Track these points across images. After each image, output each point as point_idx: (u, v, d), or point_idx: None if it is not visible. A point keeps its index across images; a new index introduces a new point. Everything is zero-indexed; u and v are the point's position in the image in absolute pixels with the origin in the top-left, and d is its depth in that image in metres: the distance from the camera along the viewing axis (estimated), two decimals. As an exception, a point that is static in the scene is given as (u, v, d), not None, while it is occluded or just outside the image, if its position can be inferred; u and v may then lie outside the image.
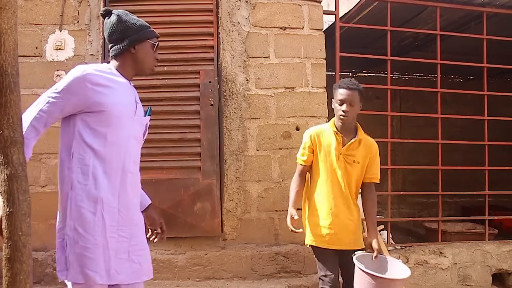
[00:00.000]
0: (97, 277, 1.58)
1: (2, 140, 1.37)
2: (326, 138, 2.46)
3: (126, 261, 1.68)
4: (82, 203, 1.61)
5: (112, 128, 1.66)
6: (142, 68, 1.80)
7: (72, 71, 1.66)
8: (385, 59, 3.66)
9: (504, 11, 3.82)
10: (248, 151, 3.32)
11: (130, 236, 1.71)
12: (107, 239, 1.62)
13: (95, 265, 1.59)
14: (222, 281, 3.16)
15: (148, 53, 1.78)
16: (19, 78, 1.45)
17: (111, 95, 1.66)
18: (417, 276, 3.41)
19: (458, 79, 6.98)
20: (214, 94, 3.27)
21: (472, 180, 4.59)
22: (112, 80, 1.71)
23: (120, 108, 1.68)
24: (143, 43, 1.77)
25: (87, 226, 1.59)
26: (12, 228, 1.37)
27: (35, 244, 2.53)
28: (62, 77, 3.18)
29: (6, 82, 1.38)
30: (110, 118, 1.65)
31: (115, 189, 1.67)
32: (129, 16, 1.80)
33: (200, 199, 3.21)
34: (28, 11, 3.20)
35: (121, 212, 1.68)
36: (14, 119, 1.39)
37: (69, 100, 1.61)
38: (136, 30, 1.76)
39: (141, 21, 1.81)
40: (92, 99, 1.62)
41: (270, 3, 3.38)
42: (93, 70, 1.68)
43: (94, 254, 1.59)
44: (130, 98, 1.76)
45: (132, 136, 1.75)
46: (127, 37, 1.76)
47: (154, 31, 1.82)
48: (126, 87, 1.76)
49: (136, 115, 1.77)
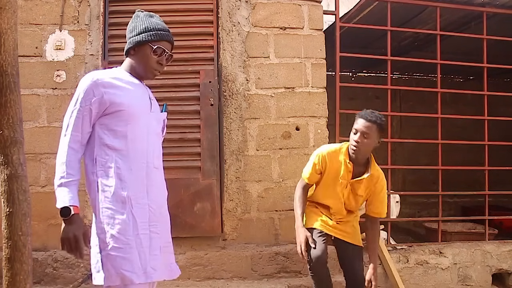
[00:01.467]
0: (134, 277, 1.57)
1: (2, 140, 1.38)
2: (335, 163, 2.39)
3: (159, 257, 1.68)
4: (110, 204, 1.62)
5: (131, 125, 1.67)
6: (141, 71, 1.77)
7: (82, 81, 1.67)
8: (385, 59, 3.66)
9: (504, 11, 3.82)
10: (248, 151, 3.32)
11: (161, 232, 1.72)
12: (140, 236, 1.62)
13: (130, 265, 1.57)
14: (222, 281, 3.15)
15: (145, 56, 1.74)
16: (19, 78, 1.46)
17: (124, 95, 1.67)
18: (417, 276, 3.41)
19: (458, 79, 6.97)
20: (214, 94, 3.26)
21: (472, 180, 4.59)
22: (122, 80, 1.72)
23: (136, 105, 1.70)
24: (143, 46, 1.73)
25: (118, 227, 1.59)
26: (12, 228, 1.37)
27: (35, 244, 2.53)
28: (62, 77, 3.22)
29: (6, 82, 1.39)
30: (128, 116, 1.66)
31: (143, 185, 1.67)
32: (143, 18, 1.78)
33: (200, 199, 3.20)
34: (28, 11, 3.20)
35: (151, 208, 1.68)
36: (14, 119, 1.40)
37: (90, 108, 1.62)
38: (139, 32, 1.74)
39: (150, 24, 1.75)
40: (108, 101, 1.63)
41: (270, 3, 3.38)
42: (101, 74, 1.69)
43: (128, 254, 1.58)
44: (143, 95, 1.77)
45: (152, 132, 1.76)
46: (130, 38, 1.76)
47: (161, 34, 1.75)
48: (137, 85, 1.77)
49: (152, 111, 1.78)
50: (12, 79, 1.41)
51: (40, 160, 3.16)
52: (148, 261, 1.62)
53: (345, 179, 2.36)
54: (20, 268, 1.37)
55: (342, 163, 2.35)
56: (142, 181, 1.67)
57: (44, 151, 3.16)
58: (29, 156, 3.03)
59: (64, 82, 3.21)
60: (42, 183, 3.16)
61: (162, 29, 1.77)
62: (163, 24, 1.79)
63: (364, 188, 2.39)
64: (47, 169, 3.16)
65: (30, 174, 1.55)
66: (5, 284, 1.38)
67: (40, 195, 3.10)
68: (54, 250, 3.07)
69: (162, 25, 1.79)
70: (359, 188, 2.39)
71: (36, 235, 2.70)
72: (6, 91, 1.39)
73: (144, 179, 1.68)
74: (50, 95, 3.20)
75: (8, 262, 1.37)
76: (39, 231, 3.05)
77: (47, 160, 3.17)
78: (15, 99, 1.41)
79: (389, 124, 3.64)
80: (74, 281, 2.96)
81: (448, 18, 4.03)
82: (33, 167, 3.08)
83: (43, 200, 3.09)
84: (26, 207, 1.40)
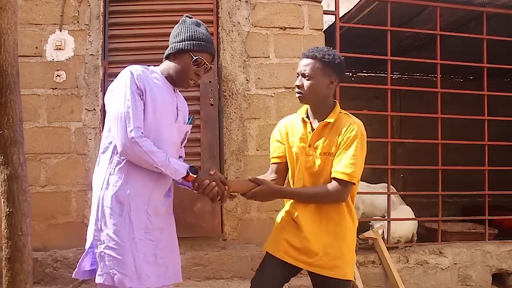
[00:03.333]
0: (126, 280, 1.56)
1: (2, 140, 1.38)
2: (295, 128, 1.92)
3: (153, 264, 1.67)
4: (109, 203, 1.62)
5: (153, 131, 1.66)
6: (177, 78, 1.74)
7: (120, 75, 1.67)
8: (385, 59, 3.66)
9: (504, 11, 3.82)
10: (248, 151, 3.32)
11: (158, 240, 1.70)
12: (136, 241, 1.61)
13: (123, 267, 1.57)
14: (222, 281, 3.15)
15: (185, 65, 1.70)
16: (19, 78, 1.46)
17: (152, 102, 1.65)
18: (417, 276, 3.41)
19: (458, 79, 6.97)
20: (214, 94, 3.26)
21: (472, 180, 4.58)
22: (156, 84, 1.70)
23: (163, 111, 1.68)
24: (184, 54, 1.70)
25: (114, 228, 1.60)
26: (12, 228, 1.37)
27: (35, 244, 2.53)
28: (62, 77, 3.21)
29: (6, 82, 1.39)
30: (152, 120, 1.65)
31: (147, 192, 1.67)
32: (190, 25, 1.73)
33: (200, 199, 3.20)
34: (28, 11, 3.20)
35: (149, 215, 1.67)
36: (14, 119, 1.40)
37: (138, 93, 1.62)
38: (183, 39, 1.70)
39: (195, 33, 1.70)
40: (145, 95, 1.64)
41: (270, 3, 3.38)
42: (138, 70, 1.67)
43: (121, 256, 1.57)
44: (171, 104, 1.74)
45: (171, 142, 1.74)
46: (172, 43, 1.73)
47: (204, 45, 1.71)
48: (169, 93, 1.74)
49: (177, 122, 1.76)
50: (12, 79, 1.41)
51: (40, 160, 3.16)
52: (144, 268, 1.61)
53: (304, 142, 1.83)
54: (20, 268, 1.37)
55: (301, 123, 1.88)
56: (148, 188, 1.67)
57: (44, 151, 3.16)
58: (29, 156, 3.03)
59: (64, 82, 3.21)
60: (42, 183, 3.16)
61: (206, 39, 1.72)
62: (208, 35, 1.74)
63: (330, 140, 1.79)
64: (47, 169, 3.16)
65: (30, 174, 1.55)
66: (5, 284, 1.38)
67: (40, 195, 3.11)
68: (54, 250, 3.06)
69: (206, 35, 1.73)
70: (324, 143, 1.80)
71: (36, 235, 2.70)
72: (6, 91, 1.38)
73: (151, 187, 1.68)
74: (50, 95, 3.20)
75: (8, 262, 1.37)
76: (39, 231, 3.05)
77: (47, 160, 3.17)
78: (15, 99, 1.41)
79: (389, 124, 3.65)
80: (74, 281, 2.96)
81: (448, 18, 4.03)
82: (33, 167, 3.08)
83: (43, 200, 3.09)
84: (26, 207, 1.40)
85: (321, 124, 1.81)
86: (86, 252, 1.63)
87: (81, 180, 3.18)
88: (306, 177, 1.84)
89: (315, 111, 1.88)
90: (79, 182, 3.18)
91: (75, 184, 3.18)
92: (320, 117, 1.85)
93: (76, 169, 3.18)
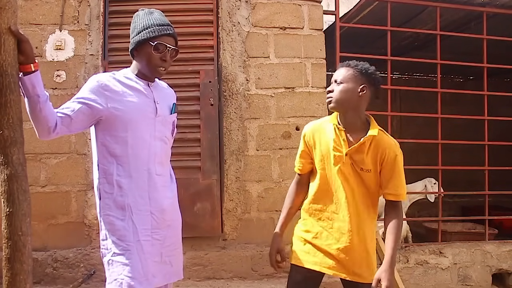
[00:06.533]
0: (135, 283, 1.56)
1: (2, 140, 1.37)
2: (324, 136, 1.86)
3: (159, 263, 1.68)
4: (110, 211, 1.62)
5: (131, 131, 1.64)
6: (146, 71, 1.70)
7: (88, 81, 1.68)
8: (385, 59, 3.66)
9: (504, 11, 3.82)
10: (248, 151, 3.32)
11: (164, 238, 1.70)
12: (141, 242, 1.61)
13: (132, 271, 1.57)
14: (222, 281, 3.15)
15: (147, 54, 1.65)
16: (19, 78, 1.46)
17: (124, 100, 1.64)
18: (417, 276, 3.41)
19: (458, 79, 6.97)
20: (214, 94, 3.26)
21: (472, 180, 4.58)
22: (125, 84, 1.69)
23: (135, 111, 1.66)
24: (143, 45, 1.66)
25: (118, 233, 1.60)
26: (12, 228, 1.37)
27: (35, 244, 2.53)
28: (62, 77, 3.21)
29: (6, 82, 1.39)
30: (127, 122, 1.64)
31: (144, 191, 1.66)
32: (143, 16, 1.70)
33: (200, 199, 3.20)
34: (28, 11, 3.20)
35: (154, 215, 1.67)
36: (14, 119, 1.40)
37: (89, 102, 1.61)
38: (138, 31, 1.67)
39: (149, 21, 1.67)
40: (107, 105, 1.62)
41: (270, 3, 3.38)
42: (105, 76, 1.67)
43: (129, 260, 1.57)
44: (146, 99, 1.71)
45: (157, 138, 1.72)
46: (132, 39, 1.71)
47: (159, 29, 1.65)
48: (140, 89, 1.71)
49: (158, 115, 1.72)
50: (12, 79, 1.41)
51: (40, 160, 3.16)
52: (149, 268, 1.62)
53: (340, 148, 1.78)
54: (20, 268, 1.37)
55: (332, 132, 1.81)
56: (143, 188, 1.66)
57: (44, 151, 3.16)
58: (29, 156, 3.03)
59: (64, 82, 3.21)
60: (42, 183, 3.16)
61: (161, 24, 1.65)
62: (163, 19, 1.69)
63: (370, 158, 1.76)
64: (47, 169, 3.16)
65: (30, 174, 1.54)
66: (5, 284, 1.38)
67: (40, 195, 3.11)
68: (54, 250, 3.07)
69: (161, 19, 1.68)
70: (363, 159, 1.76)
71: (36, 235, 2.69)
72: (6, 91, 1.38)
73: (146, 186, 1.67)
74: (50, 95, 3.13)
75: (8, 262, 1.37)
76: (39, 231, 3.05)
77: (47, 160, 3.17)
78: (15, 99, 1.40)
79: (389, 124, 3.65)
80: (74, 281, 2.96)
81: (448, 18, 4.03)
82: (33, 167, 3.08)
83: (43, 200, 3.09)
84: (26, 207, 1.39)
85: (365, 138, 1.76)
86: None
87: (81, 180, 3.18)
88: (345, 185, 1.82)
89: (346, 122, 1.80)
90: (79, 182, 3.18)
91: (75, 184, 3.18)
92: (351, 129, 1.80)
93: (76, 169, 3.18)
